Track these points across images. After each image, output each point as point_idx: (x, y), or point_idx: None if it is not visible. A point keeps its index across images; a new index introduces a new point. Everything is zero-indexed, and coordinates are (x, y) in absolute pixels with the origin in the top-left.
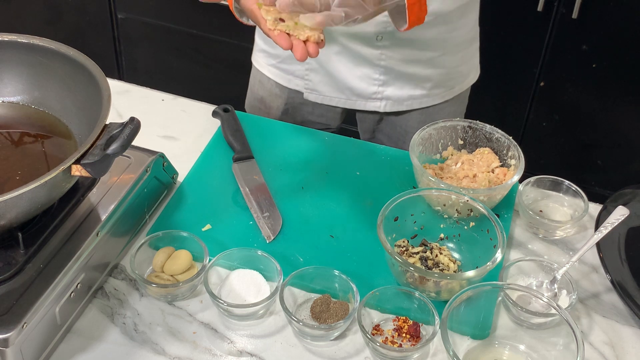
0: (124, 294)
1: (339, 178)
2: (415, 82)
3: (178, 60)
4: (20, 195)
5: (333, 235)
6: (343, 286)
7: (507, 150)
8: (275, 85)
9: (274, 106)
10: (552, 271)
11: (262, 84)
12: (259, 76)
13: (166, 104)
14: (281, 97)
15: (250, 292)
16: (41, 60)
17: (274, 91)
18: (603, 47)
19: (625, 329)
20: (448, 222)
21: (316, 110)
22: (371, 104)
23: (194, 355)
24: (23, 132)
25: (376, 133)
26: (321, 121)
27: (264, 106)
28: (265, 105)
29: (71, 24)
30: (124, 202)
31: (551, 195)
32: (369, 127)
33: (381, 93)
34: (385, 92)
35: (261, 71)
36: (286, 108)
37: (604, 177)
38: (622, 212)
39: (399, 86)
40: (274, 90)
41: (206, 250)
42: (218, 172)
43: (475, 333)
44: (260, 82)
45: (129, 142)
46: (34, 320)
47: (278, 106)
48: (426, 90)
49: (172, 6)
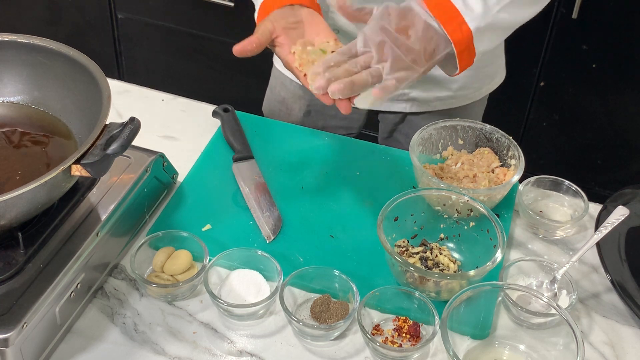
0: (124, 294)
1: (339, 178)
2: (442, 83)
3: (178, 60)
4: (20, 195)
5: (333, 235)
6: (343, 286)
7: (507, 150)
8: (299, 87)
9: (296, 107)
10: (552, 271)
11: (284, 85)
12: (281, 78)
13: (166, 104)
14: (304, 98)
15: (250, 292)
16: (41, 60)
17: (297, 92)
18: (603, 47)
19: (625, 329)
20: (448, 222)
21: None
22: (397, 105)
23: (194, 355)
24: (23, 132)
25: (395, 133)
26: (343, 124)
27: (285, 108)
28: (286, 107)
29: (71, 24)
30: (124, 202)
31: (551, 195)
32: (389, 127)
33: (407, 94)
34: (412, 93)
35: (284, 72)
36: (308, 110)
37: (604, 177)
38: (622, 212)
39: (426, 88)
40: (297, 92)
41: (206, 250)
42: (218, 172)
43: (475, 333)
44: (282, 84)
45: (129, 142)
46: (34, 320)
47: (300, 107)
48: (452, 91)
49: (172, 6)
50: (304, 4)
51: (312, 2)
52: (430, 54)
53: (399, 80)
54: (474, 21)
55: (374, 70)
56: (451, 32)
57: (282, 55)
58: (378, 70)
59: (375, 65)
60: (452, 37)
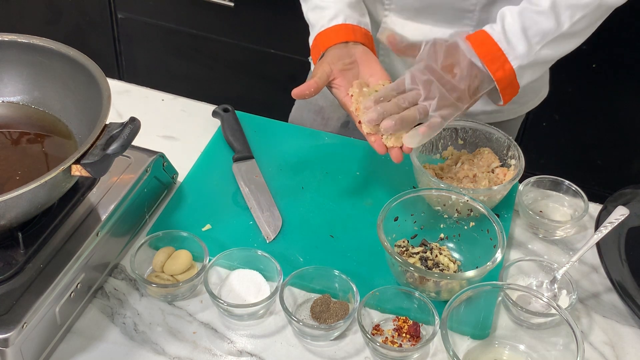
0: (124, 294)
1: (339, 178)
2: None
3: (178, 60)
4: (20, 195)
5: (333, 235)
6: (343, 286)
7: (507, 150)
8: None
9: (334, 117)
10: (552, 271)
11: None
12: None
13: (166, 104)
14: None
15: (250, 292)
16: (41, 60)
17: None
18: (603, 47)
19: (625, 329)
20: (448, 222)
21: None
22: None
23: (194, 355)
24: (23, 132)
25: None
26: None
27: (321, 117)
28: (322, 117)
29: (71, 24)
30: (124, 202)
31: (551, 195)
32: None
33: None
34: None
35: None
36: (347, 121)
37: (604, 177)
38: (622, 212)
39: None
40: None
41: (206, 250)
42: (218, 172)
43: (475, 333)
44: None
45: (129, 142)
46: (34, 320)
47: (339, 117)
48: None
49: (172, 6)
50: (359, 41)
51: (366, 38)
52: (474, 91)
53: (444, 117)
54: (517, 60)
55: (421, 107)
56: (494, 71)
57: (340, 97)
58: (425, 108)
59: (422, 102)
60: (495, 76)
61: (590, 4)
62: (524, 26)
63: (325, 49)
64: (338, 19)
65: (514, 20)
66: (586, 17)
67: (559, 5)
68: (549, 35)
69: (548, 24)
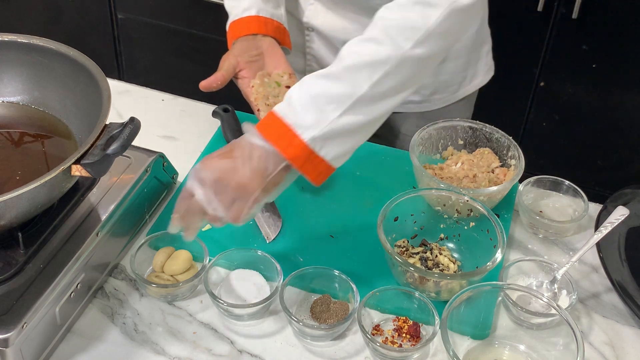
0: (124, 294)
1: (339, 178)
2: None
3: (178, 60)
4: (20, 195)
5: (333, 235)
6: (343, 286)
7: (507, 150)
8: None
9: None
10: (552, 271)
11: None
12: None
13: (166, 104)
14: None
15: (250, 292)
16: (41, 60)
17: None
18: (603, 47)
19: (625, 329)
20: (448, 222)
21: None
22: None
23: (194, 355)
24: (23, 132)
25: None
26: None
27: None
28: None
29: (71, 24)
30: (124, 202)
31: (551, 195)
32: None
33: None
34: None
35: None
36: None
37: (604, 177)
38: (622, 212)
39: None
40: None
41: (206, 250)
42: None
43: (475, 333)
44: None
45: (129, 142)
46: (34, 320)
47: None
48: (424, 96)
49: (172, 6)
50: (269, 34)
51: (278, 31)
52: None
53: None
54: (308, 131)
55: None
56: (284, 148)
57: (243, 88)
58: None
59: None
60: (286, 153)
61: (388, 61)
62: (313, 93)
63: (235, 38)
64: (251, 10)
65: (302, 89)
66: (389, 75)
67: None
68: (346, 101)
69: (340, 88)
